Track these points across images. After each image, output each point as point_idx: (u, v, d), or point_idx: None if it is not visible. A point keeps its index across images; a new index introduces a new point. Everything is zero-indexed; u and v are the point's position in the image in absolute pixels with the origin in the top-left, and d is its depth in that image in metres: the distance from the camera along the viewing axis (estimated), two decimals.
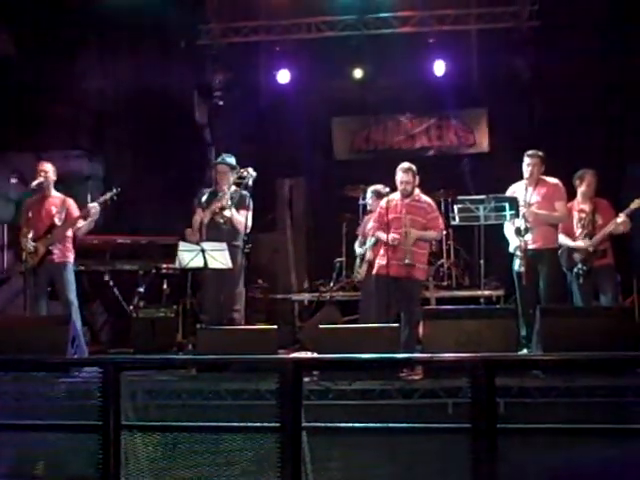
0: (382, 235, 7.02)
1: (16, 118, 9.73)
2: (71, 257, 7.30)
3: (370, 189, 8.08)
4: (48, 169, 7.31)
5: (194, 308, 8.22)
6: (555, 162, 7.31)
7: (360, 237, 8.35)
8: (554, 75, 9.82)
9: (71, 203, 7.34)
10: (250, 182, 7.28)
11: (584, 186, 7.23)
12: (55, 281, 7.18)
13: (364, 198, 8.87)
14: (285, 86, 10.55)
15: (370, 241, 7.71)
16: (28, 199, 7.42)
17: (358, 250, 8.26)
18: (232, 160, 7.49)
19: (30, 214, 7.25)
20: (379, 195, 7.58)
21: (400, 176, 7.02)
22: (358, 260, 8.37)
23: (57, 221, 7.20)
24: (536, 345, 6.15)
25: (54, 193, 7.37)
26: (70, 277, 7.22)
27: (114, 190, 7.34)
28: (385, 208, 7.01)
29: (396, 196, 7.10)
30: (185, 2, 10.02)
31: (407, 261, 6.82)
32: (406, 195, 7.01)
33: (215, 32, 10.40)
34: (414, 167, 7.07)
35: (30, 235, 7.15)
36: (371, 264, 7.49)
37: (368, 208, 8.26)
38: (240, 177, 7.37)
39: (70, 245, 7.30)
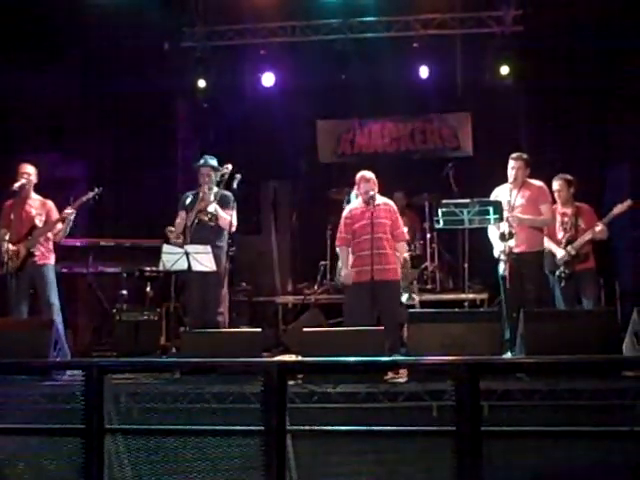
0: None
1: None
2: (52, 258, 7.30)
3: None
4: (31, 171, 7.31)
5: (178, 311, 8.19)
6: (539, 165, 7.35)
7: None
8: (537, 79, 9.87)
9: (51, 205, 7.35)
10: (235, 184, 7.27)
11: (556, 195, 7.29)
12: (36, 283, 7.15)
13: (349, 201, 8.87)
14: (270, 89, 10.54)
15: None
16: (7, 202, 7.38)
17: None
18: (214, 162, 7.47)
19: (10, 217, 7.21)
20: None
21: (363, 187, 7.03)
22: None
23: (38, 222, 7.20)
24: (520, 348, 6.18)
25: (34, 195, 7.38)
26: (52, 278, 7.20)
27: (96, 190, 7.33)
28: (350, 217, 7.06)
29: (357, 204, 7.14)
30: (170, 4, 9.99)
31: (393, 265, 6.90)
32: (369, 202, 7.02)
33: (200, 35, 10.38)
34: (373, 175, 7.11)
35: (7, 237, 7.11)
36: None
37: None
38: (222, 175, 7.34)
39: (51, 246, 7.30)
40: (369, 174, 7.09)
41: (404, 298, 7.25)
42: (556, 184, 7.29)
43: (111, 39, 9.85)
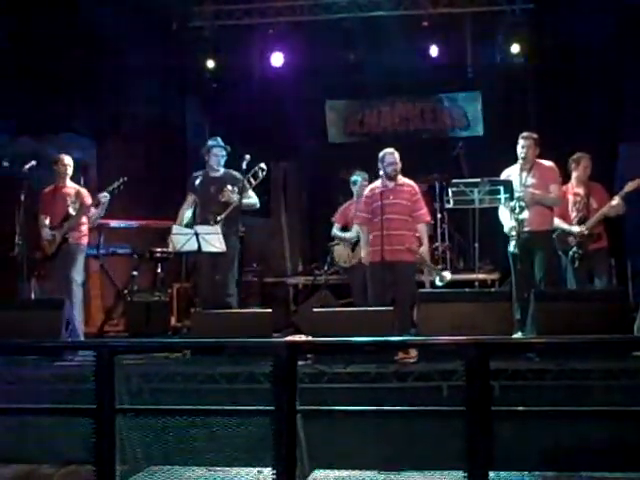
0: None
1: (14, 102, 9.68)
2: (85, 240, 7.46)
3: (362, 175, 8.06)
4: (69, 163, 7.49)
5: (188, 292, 8.22)
6: (549, 145, 7.29)
7: (337, 224, 8.33)
8: (548, 57, 9.79)
9: (85, 194, 7.50)
10: (244, 165, 7.25)
11: (579, 170, 7.24)
12: (64, 259, 7.28)
13: (354, 182, 8.83)
14: (279, 69, 10.49)
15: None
16: (44, 189, 7.54)
17: (348, 235, 8.21)
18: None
19: (50, 204, 7.39)
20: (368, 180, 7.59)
21: (388, 159, 7.02)
22: (348, 246, 8.28)
23: (72, 211, 7.35)
24: (530, 328, 6.16)
25: (69, 184, 7.52)
26: (78, 257, 7.35)
27: (121, 179, 7.41)
28: (370, 197, 7.06)
29: (377, 183, 7.13)
30: None
31: (407, 246, 6.86)
32: (393, 178, 7.00)
33: (208, 14, 10.33)
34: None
35: (47, 222, 7.34)
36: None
37: (358, 193, 8.13)
38: (254, 176, 7.31)
39: (85, 230, 7.45)
40: (392, 149, 7.10)
41: (437, 280, 7.20)
42: (583, 160, 7.23)
43: (119, 19, 9.80)
